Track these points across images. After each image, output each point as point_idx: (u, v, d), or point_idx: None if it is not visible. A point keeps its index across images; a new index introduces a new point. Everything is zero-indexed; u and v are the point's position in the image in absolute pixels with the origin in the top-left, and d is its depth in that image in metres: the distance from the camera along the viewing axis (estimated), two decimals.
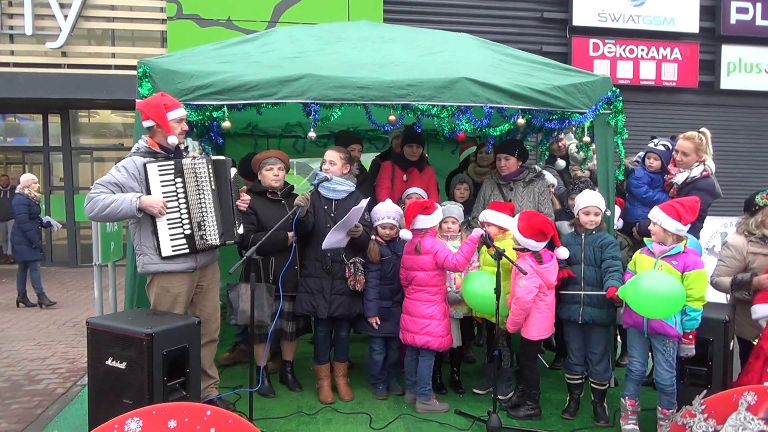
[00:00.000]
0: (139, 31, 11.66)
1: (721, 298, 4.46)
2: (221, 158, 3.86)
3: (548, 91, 4.17)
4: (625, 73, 12.11)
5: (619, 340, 5.02)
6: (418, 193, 4.76)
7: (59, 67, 11.11)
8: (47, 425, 3.99)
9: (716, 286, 4.05)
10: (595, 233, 3.95)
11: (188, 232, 3.61)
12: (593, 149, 4.74)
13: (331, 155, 4.26)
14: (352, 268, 4.17)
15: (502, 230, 4.21)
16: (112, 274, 5.15)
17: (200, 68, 3.95)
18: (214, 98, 3.85)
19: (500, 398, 4.18)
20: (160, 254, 3.55)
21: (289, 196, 4.31)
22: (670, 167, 4.60)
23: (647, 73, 12.22)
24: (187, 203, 3.61)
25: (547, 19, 12.10)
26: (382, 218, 4.27)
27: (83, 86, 10.73)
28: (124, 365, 3.22)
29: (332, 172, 4.22)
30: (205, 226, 3.65)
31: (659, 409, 3.69)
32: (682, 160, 4.46)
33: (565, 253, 3.89)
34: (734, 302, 4.06)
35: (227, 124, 3.94)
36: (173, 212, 3.57)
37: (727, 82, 12.46)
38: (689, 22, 12.28)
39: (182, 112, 3.65)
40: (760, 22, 12.44)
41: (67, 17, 10.91)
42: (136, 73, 3.86)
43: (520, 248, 3.93)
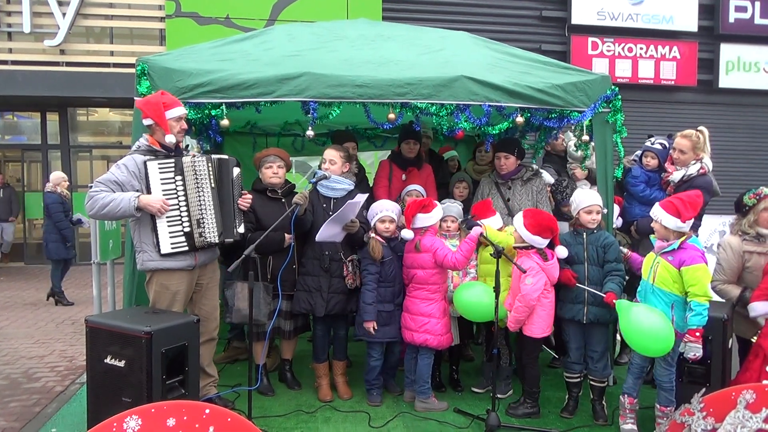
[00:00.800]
0: (137, 29, 11.64)
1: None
2: (225, 157, 3.87)
3: (547, 89, 4.17)
4: (623, 71, 12.11)
5: (618, 338, 5.02)
6: (417, 189, 4.75)
7: (57, 65, 11.09)
8: (46, 423, 3.98)
9: (721, 293, 4.04)
10: (596, 232, 3.95)
11: (187, 229, 3.61)
12: (592, 147, 4.74)
13: (330, 154, 4.26)
14: (350, 266, 4.17)
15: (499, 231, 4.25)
16: (110, 272, 5.15)
17: (199, 66, 3.94)
18: (212, 96, 3.85)
19: (499, 397, 4.18)
20: (159, 251, 3.55)
21: (289, 194, 4.30)
22: (667, 165, 4.60)
23: (646, 71, 12.22)
24: (186, 201, 3.61)
25: (546, 17, 12.10)
26: (380, 212, 4.11)
27: (81, 84, 10.71)
28: (122, 363, 3.22)
29: (332, 171, 4.21)
30: (204, 223, 3.65)
31: (657, 406, 3.69)
32: (679, 158, 4.46)
33: (564, 252, 3.89)
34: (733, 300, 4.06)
35: (226, 122, 3.94)
36: (173, 209, 3.57)
37: (725, 80, 12.46)
38: (688, 20, 12.28)
39: (181, 110, 3.64)
40: (758, 20, 12.44)
41: (65, 15, 10.90)
42: (134, 71, 3.86)
43: (523, 246, 3.93)
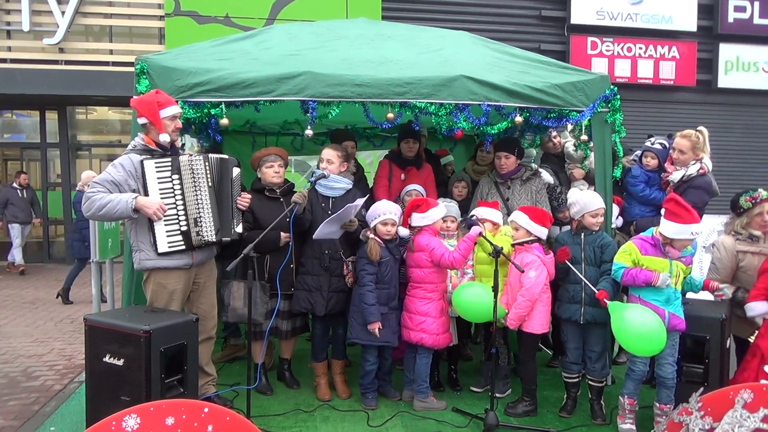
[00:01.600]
0: (136, 27, 11.62)
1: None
2: (225, 157, 3.88)
3: (546, 89, 4.17)
4: (622, 71, 12.12)
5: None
6: (417, 189, 4.75)
7: (56, 63, 11.07)
8: (44, 422, 3.98)
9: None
10: (594, 233, 3.96)
11: (184, 228, 3.61)
12: (591, 147, 4.74)
13: (328, 154, 4.26)
14: (350, 265, 4.17)
15: (495, 226, 4.26)
16: (109, 271, 5.15)
17: (198, 65, 3.94)
18: (212, 95, 3.85)
19: (497, 396, 4.19)
20: (156, 250, 3.55)
21: (288, 194, 4.30)
22: (666, 165, 4.60)
23: (645, 71, 12.23)
24: (183, 200, 3.61)
25: (545, 17, 12.10)
26: (383, 214, 4.04)
27: (80, 83, 10.69)
28: (121, 362, 3.22)
29: (330, 170, 4.21)
30: (201, 222, 3.66)
31: (657, 405, 3.70)
32: (678, 158, 4.47)
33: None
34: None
35: (225, 121, 3.94)
36: (170, 208, 3.57)
37: (724, 80, 12.47)
38: (687, 20, 12.29)
39: (175, 109, 3.64)
40: (757, 20, 12.45)
41: (64, 13, 10.88)
42: (133, 69, 3.86)
43: (524, 241, 3.96)
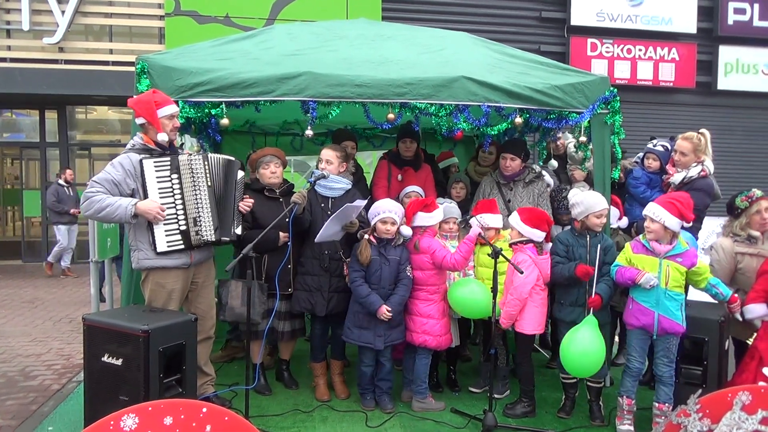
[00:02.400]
0: (136, 27, 11.62)
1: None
2: (231, 159, 3.88)
3: (546, 90, 4.17)
4: (622, 73, 12.13)
5: (616, 339, 5.03)
6: (416, 191, 4.75)
7: (56, 62, 11.07)
8: (43, 422, 3.98)
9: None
10: (597, 234, 3.94)
11: (183, 228, 3.61)
12: (591, 150, 4.74)
13: (327, 154, 4.25)
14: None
15: (498, 232, 4.26)
16: (108, 270, 5.15)
17: (198, 65, 3.94)
18: (212, 95, 3.85)
19: (496, 397, 4.19)
20: (155, 250, 3.55)
21: (287, 194, 4.29)
22: (668, 167, 4.60)
23: (645, 73, 12.24)
24: (182, 199, 3.61)
25: (545, 18, 12.11)
26: (383, 212, 3.97)
27: (80, 82, 10.69)
28: (120, 362, 3.22)
29: (329, 170, 4.21)
30: (200, 222, 3.66)
31: (656, 405, 3.71)
32: (680, 160, 4.47)
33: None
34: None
35: (225, 121, 3.94)
36: (169, 208, 3.57)
37: (724, 82, 12.48)
38: (687, 22, 12.30)
39: (173, 108, 3.64)
40: (757, 23, 12.47)
41: (64, 13, 10.88)
42: (133, 69, 3.86)
43: (520, 241, 3.96)
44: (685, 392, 3.42)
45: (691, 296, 3.91)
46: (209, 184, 3.70)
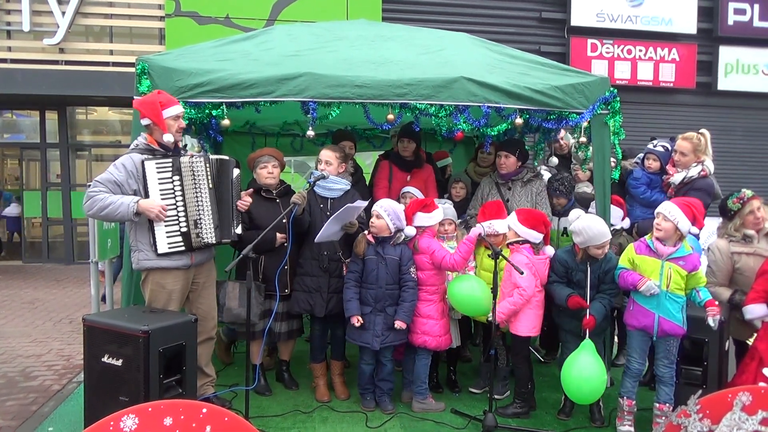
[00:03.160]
0: (137, 28, 11.62)
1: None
2: (225, 158, 3.87)
3: (546, 91, 4.17)
4: (622, 73, 12.12)
5: (615, 340, 5.03)
6: (411, 192, 4.75)
7: (56, 63, 11.07)
8: (43, 422, 3.98)
9: (713, 296, 4.04)
10: (599, 260, 3.86)
11: (184, 229, 3.61)
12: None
13: (327, 155, 4.24)
14: None
15: (504, 237, 4.24)
16: (108, 270, 5.15)
17: (199, 66, 3.94)
18: (212, 96, 3.85)
19: (496, 397, 4.19)
20: (156, 251, 3.55)
21: (284, 195, 4.29)
22: (668, 167, 4.61)
23: (645, 73, 12.23)
24: (184, 201, 3.61)
25: (545, 19, 12.11)
26: (377, 207, 4.02)
27: (80, 83, 10.68)
28: (120, 362, 3.22)
29: (329, 171, 4.20)
30: (201, 224, 3.65)
31: (656, 405, 3.71)
32: (680, 160, 4.47)
33: (551, 251, 4.01)
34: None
35: (226, 122, 3.94)
36: (170, 209, 3.57)
37: (724, 83, 12.47)
38: (687, 23, 12.29)
39: (178, 109, 3.64)
40: (757, 23, 12.46)
41: (64, 14, 10.88)
42: (133, 70, 3.86)
43: (516, 241, 3.95)
44: (685, 393, 3.42)
45: None
46: (210, 185, 3.70)
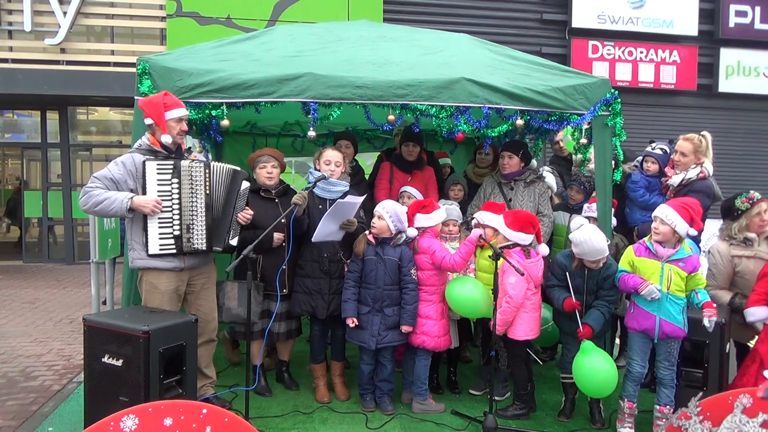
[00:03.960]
0: (138, 28, 11.63)
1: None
2: (238, 169, 3.87)
3: (547, 92, 4.17)
4: (623, 75, 12.12)
5: (617, 341, 5.02)
6: (408, 191, 4.75)
7: (58, 63, 11.07)
8: (43, 422, 3.98)
9: (713, 299, 4.04)
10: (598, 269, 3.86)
11: (177, 233, 3.61)
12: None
13: (334, 156, 4.20)
14: None
15: (497, 232, 4.23)
16: (109, 271, 5.14)
17: (199, 66, 3.94)
18: (213, 96, 3.85)
19: (496, 399, 4.18)
20: (147, 251, 3.57)
21: (283, 195, 4.27)
22: (667, 170, 4.60)
23: (646, 75, 12.23)
24: (180, 205, 3.62)
25: (546, 20, 12.11)
26: (378, 208, 4.04)
27: (82, 83, 10.69)
28: (120, 363, 3.21)
29: (337, 173, 4.18)
30: (193, 229, 3.65)
31: (657, 407, 3.70)
32: (680, 160, 4.47)
33: (545, 249, 3.98)
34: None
35: (226, 122, 3.94)
36: (165, 211, 3.58)
37: (725, 85, 12.46)
38: (688, 24, 12.29)
39: (182, 111, 3.64)
40: (758, 25, 12.45)
41: (66, 14, 10.88)
42: (134, 70, 3.86)
43: (506, 246, 3.93)
44: (686, 395, 3.42)
45: None
46: (207, 192, 3.69)
